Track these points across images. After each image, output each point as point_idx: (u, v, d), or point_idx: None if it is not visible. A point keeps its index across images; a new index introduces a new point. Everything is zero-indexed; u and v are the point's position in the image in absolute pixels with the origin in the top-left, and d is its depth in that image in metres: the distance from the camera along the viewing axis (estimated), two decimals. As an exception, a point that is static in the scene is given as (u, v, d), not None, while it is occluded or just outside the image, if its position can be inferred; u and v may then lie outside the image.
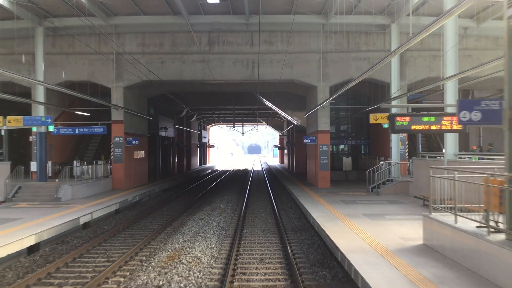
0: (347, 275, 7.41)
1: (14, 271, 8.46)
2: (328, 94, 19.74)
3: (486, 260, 5.81)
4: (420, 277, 5.96)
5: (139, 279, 7.74)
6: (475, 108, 5.87)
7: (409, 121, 8.19)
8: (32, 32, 18.02)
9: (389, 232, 9.20)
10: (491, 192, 6.03)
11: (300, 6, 17.28)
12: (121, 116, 20.02)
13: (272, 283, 7.48)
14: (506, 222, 5.68)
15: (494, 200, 6.03)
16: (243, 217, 14.25)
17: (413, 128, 8.23)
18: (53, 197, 15.37)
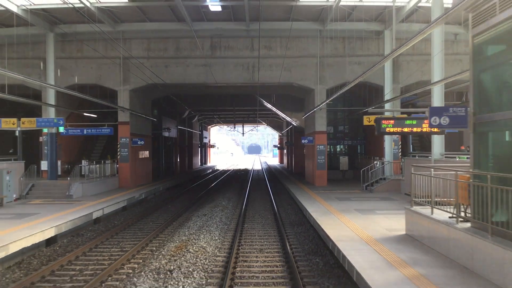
0: (337, 261, 8.33)
1: (38, 259, 9.39)
2: (325, 96, 20.67)
3: (454, 245, 6.74)
4: (398, 260, 6.89)
5: (151, 265, 8.67)
6: (444, 114, 6.81)
7: (393, 124, 9.12)
8: (44, 38, 18.94)
9: (377, 225, 10.13)
10: (460, 187, 6.96)
11: (298, 13, 18.22)
12: (127, 118, 20.96)
13: (270, 268, 8.40)
14: (471, 211, 6.61)
15: (463, 194, 6.97)
16: (244, 213, 15.17)
17: (397, 130, 9.17)
18: (65, 194, 16.30)
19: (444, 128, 6.86)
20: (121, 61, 20.29)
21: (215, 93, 26.71)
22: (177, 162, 35.55)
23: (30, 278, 7.70)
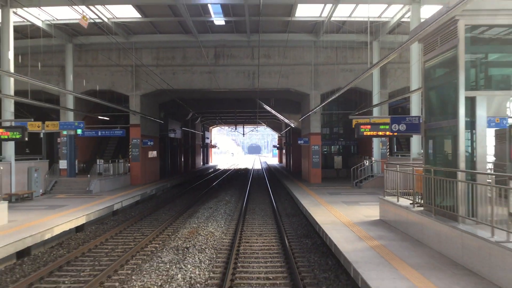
0: (323, 242, 10.20)
1: (75, 241, 11.28)
2: (319, 101, 22.56)
3: (411, 224, 8.64)
4: (367, 235, 8.80)
5: (170, 244, 10.57)
6: (402, 122, 8.70)
7: (370, 129, 10.98)
8: (63, 48, 20.84)
9: (358, 213, 12.04)
10: (417, 179, 8.86)
11: (294, 26, 20.12)
12: (138, 121, 22.87)
13: (268, 247, 10.29)
14: (423, 198, 8.50)
15: (419, 184, 8.86)
16: (245, 206, 17.06)
17: (373, 134, 11.03)
18: (85, 190, 18.20)
19: (403, 133, 8.73)
20: (133, 69, 22.19)
21: (218, 97, 28.63)
22: (181, 161, 37.46)
23: (72, 254, 9.58)
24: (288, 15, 18.35)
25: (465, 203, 6.81)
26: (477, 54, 7.18)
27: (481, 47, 7.27)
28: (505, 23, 6.98)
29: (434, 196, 7.75)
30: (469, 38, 7.00)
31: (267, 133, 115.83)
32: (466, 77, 6.92)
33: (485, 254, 5.83)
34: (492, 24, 7.01)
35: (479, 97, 6.96)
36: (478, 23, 6.96)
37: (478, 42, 7.18)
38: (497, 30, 7.20)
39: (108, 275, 8.00)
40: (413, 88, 15.64)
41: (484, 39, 7.35)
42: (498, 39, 7.36)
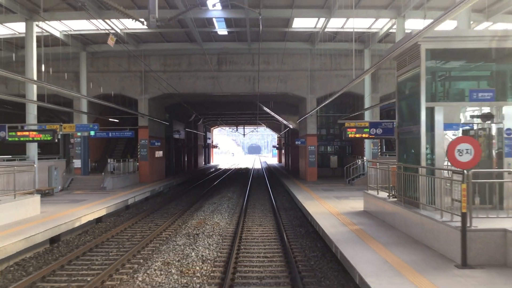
0: (314, 230, 11.81)
1: (98, 230, 12.89)
2: (315, 104, 24.17)
3: (387, 213, 10.26)
4: (350, 222, 10.43)
5: (182, 232, 12.19)
6: (379, 126, 10.33)
7: (355, 131, 12.59)
8: (77, 55, 22.46)
9: (346, 205, 13.67)
10: (392, 174, 10.48)
11: (291, 36, 21.75)
12: (146, 122, 24.50)
13: (266, 235, 11.90)
14: (396, 191, 10.12)
15: (394, 179, 10.48)
16: (246, 202, 18.66)
17: (358, 136, 12.63)
18: (99, 187, 19.84)
19: (380, 136, 10.33)
20: (142, 74, 23.83)
21: (220, 100, 30.25)
22: (185, 161, 39.10)
23: (99, 239, 11.19)
24: (285, 27, 19.97)
25: (425, 193, 8.42)
26: (436, 71, 8.80)
27: (439, 66, 8.89)
28: (458, 47, 8.61)
29: (404, 188, 9.37)
30: (429, 58, 8.62)
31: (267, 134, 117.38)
32: (426, 90, 8.54)
33: (436, 232, 7.46)
34: (448, 48, 8.63)
35: (437, 107, 8.58)
36: (436, 47, 8.58)
37: (437, 62, 8.80)
38: (452, 52, 8.83)
39: (133, 255, 9.61)
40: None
41: (442, 60, 8.98)
42: (453, 59, 9.00)
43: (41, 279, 7.87)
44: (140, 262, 9.01)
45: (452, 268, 6.44)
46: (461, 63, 9.16)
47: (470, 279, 5.89)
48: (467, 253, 6.41)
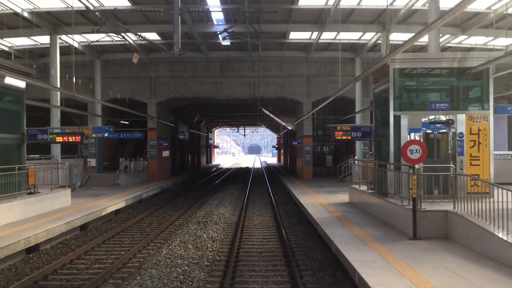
0: (306, 219, 13.82)
1: (120, 219, 14.88)
2: (311, 108, 26.19)
3: (366, 203, 12.27)
4: (335, 210, 12.46)
5: (192, 220, 14.21)
6: (358, 130, 12.35)
7: (342, 134, 14.57)
8: (92, 63, 24.50)
9: (334, 198, 15.70)
10: (372, 171, 12.49)
11: (288, 46, 23.79)
12: (154, 125, 26.53)
13: (265, 223, 13.91)
14: (374, 185, 12.13)
15: (373, 175, 12.50)
16: (247, 197, 20.68)
17: (344, 138, 14.59)
18: (114, 183, 21.86)
19: (359, 139, 12.34)
20: (152, 80, 25.86)
21: (223, 103, 32.28)
22: (189, 160, 41.13)
23: (122, 226, 13.20)
24: (283, 38, 22.00)
25: (393, 185, 10.44)
26: (403, 86, 10.83)
27: (405, 82, 10.92)
28: (420, 66, 10.64)
29: (379, 182, 11.40)
30: (397, 75, 10.64)
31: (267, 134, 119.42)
32: (394, 101, 10.56)
33: (397, 214, 9.48)
34: (412, 67, 10.66)
35: (403, 115, 10.61)
36: (402, 67, 10.61)
37: (403, 78, 10.82)
38: (416, 70, 10.85)
39: (154, 237, 11.62)
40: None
41: (407, 77, 11.00)
42: (416, 76, 11.04)
43: (84, 253, 9.87)
44: (161, 241, 11.03)
45: (405, 240, 8.46)
46: (424, 79, 11.19)
47: (416, 246, 7.91)
48: (417, 229, 8.43)
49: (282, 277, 7.86)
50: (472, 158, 10.46)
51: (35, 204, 12.19)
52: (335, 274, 7.92)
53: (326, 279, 7.69)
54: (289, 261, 8.77)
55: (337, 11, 17.21)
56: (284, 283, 7.54)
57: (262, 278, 7.81)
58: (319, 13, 18.50)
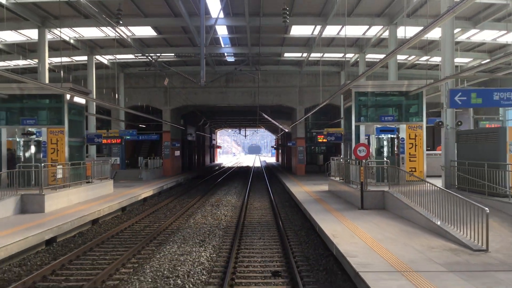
0: (295, 204, 17.99)
1: (148, 205, 19.07)
2: (303, 113, 30.38)
3: (339, 190, 16.47)
4: (315, 195, 16.69)
5: (207, 204, 18.42)
6: (333, 135, 16.55)
7: (323, 137, 18.73)
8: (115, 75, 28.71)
9: (318, 188, 19.92)
10: (345, 166, 16.70)
11: (283, 61, 28.00)
12: (168, 128, 30.75)
13: (263, 206, 18.10)
14: (345, 176, 16.32)
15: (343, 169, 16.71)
16: (249, 189, 24.88)
17: (324, 140, 18.79)
18: (137, 177, 26.07)
19: (334, 142, 16.51)
20: (167, 90, 30.08)
21: (227, 109, 36.53)
22: (195, 159, 45.35)
23: (153, 208, 17.37)
24: (278, 56, 26.23)
25: (352, 175, 14.64)
26: (361, 103, 15.05)
27: (362, 101, 15.14)
28: (373, 90, 14.86)
29: (346, 173, 15.61)
30: (357, 96, 14.85)
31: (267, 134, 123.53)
32: (355, 115, 14.77)
33: (353, 194, 13.69)
34: (367, 91, 14.88)
35: (361, 125, 14.83)
36: (360, 90, 14.84)
37: (361, 98, 15.05)
38: (368, 94, 15.09)
39: (181, 214, 15.81)
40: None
41: (363, 97, 15.23)
42: (370, 96, 15.28)
43: (134, 223, 14.05)
44: (187, 216, 15.25)
45: (356, 210, 12.67)
46: (376, 98, 15.41)
47: (360, 212, 12.11)
48: (364, 203, 12.63)
49: (273, 234, 12.05)
50: (411, 156, 14.71)
51: (92, 190, 16.43)
52: (308, 231, 12.12)
53: (302, 234, 11.89)
54: (278, 226, 12.96)
55: (321, 38, 21.40)
56: (274, 237, 11.73)
57: (260, 234, 12.02)
58: (307, 39, 22.72)
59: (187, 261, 8.92)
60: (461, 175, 12.23)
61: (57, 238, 11.00)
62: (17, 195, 12.52)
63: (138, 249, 10.03)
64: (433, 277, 6.08)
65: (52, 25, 18.25)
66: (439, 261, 6.88)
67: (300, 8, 18.11)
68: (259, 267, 8.53)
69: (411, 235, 8.95)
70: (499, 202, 10.20)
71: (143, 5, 17.57)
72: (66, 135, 14.91)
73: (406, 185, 11.68)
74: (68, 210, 13.26)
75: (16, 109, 15.45)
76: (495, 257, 7.08)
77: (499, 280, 5.91)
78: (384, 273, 6.34)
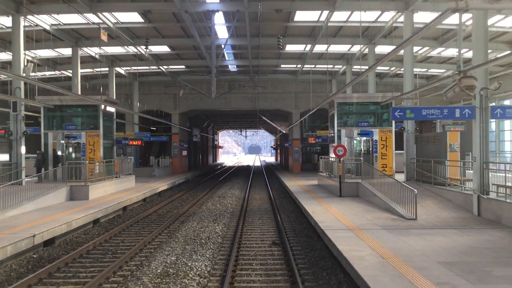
0: (289, 195, 21.28)
1: (164, 197, 22.38)
2: (299, 117, 33.65)
3: (326, 183, 19.78)
4: (305, 187, 20.03)
5: (215, 196, 21.74)
6: (321, 137, 19.82)
7: (313, 139, 21.99)
8: (130, 83, 32.03)
9: (309, 182, 23.25)
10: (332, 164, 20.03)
11: (280, 71, 31.33)
12: (177, 130, 34.07)
13: (262, 197, 21.42)
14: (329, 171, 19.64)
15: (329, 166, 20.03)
16: (250, 185, 28.20)
17: (313, 142, 22.02)
18: (151, 174, 29.39)
19: (321, 143, 19.75)
20: (176, 96, 33.39)
21: (229, 113, 39.83)
22: (200, 159, 48.68)
23: (170, 199, 20.67)
24: (275, 66, 29.55)
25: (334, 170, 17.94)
26: (342, 112, 18.37)
27: (343, 109, 18.47)
28: (352, 101, 18.20)
29: (331, 169, 18.93)
30: (338, 106, 18.16)
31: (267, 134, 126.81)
32: (337, 121, 18.09)
33: (334, 185, 17.01)
34: (347, 102, 18.21)
35: (342, 129, 18.15)
36: (341, 101, 18.16)
37: (342, 107, 18.36)
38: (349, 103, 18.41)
39: (194, 203, 19.12)
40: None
41: (344, 106, 18.55)
42: (349, 105, 18.60)
43: (157, 209, 17.35)
44: (200, 204, 18.56)
45: (335, 197, 15.98)
46: (355, 107, 18.71)
47: (338, 199, 15.42)
48: (342, 192, 15.94)
49: (270, 216, 15.35)
50: (383, 155, 18.03)
51: (120, 184, 19.75)
52: (297, 214, 15.42)
53: (292, 215, 15.20)
54: (274, 211, 16.27)
55: (312, 53, 24.72)
56: (270, 218, 15.02)
57: (259, 216, 15.33)
58: (300, 54, 26.04)
59: (206, 231, 12.26)
60: (417, 169, 15.57)
61: (100, 219, 14.30)
62: (67, 186, 15.84)
63: (167, 225, 13.34)
64: (370, 231, 9.40)
65: (84, 45, 21.58)
66: (379, 224, 10.21)
67: (293, 30, 21.43)
68: (259, 235, 11.83)
69: (369, 212, 12.28)
70: (439, 189, 13.52)
71: (162, 29, 20.90)
72: (101, 138, 18.24)
73: (375, 178, 14.99)
74: (105, 199, 16.58)
75: (59, 116, 18.78)
76: (418, 222, 10.39)
77: (411, 233, 9.21)
78: (340, 230, 9.67)
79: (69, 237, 11.60)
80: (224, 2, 17.07)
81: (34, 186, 14.93)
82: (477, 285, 5.72)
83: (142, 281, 7.63)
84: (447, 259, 7.01)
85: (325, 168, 21.14)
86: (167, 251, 9.88)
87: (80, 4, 15.91)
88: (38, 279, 7.75)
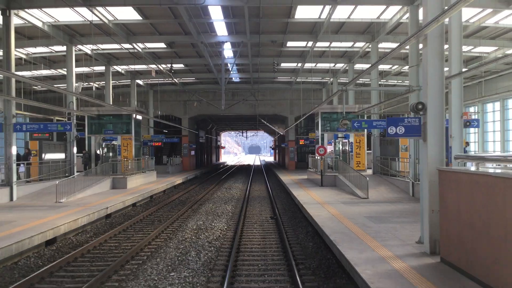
0: (283, 187, 25.88)
1: (182, 187, 26.97)
2: (294, 121, 38.21)
3: (312, 177, 24.37)
4: (297, 181, 24.65)
5: (222, 187, 26.36)
6: (308, 139, 24.45)
7: (303, 141, 26.48)
8: (145, 91, 36.65)
9: (300, 177, 27.86)
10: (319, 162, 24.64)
11: (277, 81, 35.97)
12: (186, 133, 38.70)
13: (261, 190, 26.02)
14: (315, 167, 24.24)
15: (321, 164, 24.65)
16: (251, 180, 32.78)
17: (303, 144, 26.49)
18: (165, 171, 34.01)
19: (309, 145, 24.28)
20: (185, 102, 38.03)
21: (232, 117, 44.47)
22: (205, 158, 53.31)
23: (186, 190, 25.27)
24: (272, 78, 34.21)
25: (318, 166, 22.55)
26: (325, 119, 22.99)
27: (326, 118, 23.09)
28: (333, 111, 22.84)
29: (316, 165, 23.53)
30: (322, 115, 22.77)
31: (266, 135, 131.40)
32: (321, 128, 22.71)
33: (317, 178, 21.62)
34: (328, 111, 22.85)
35: (325, 134, 22.78)
36: (324, 111, 22.79)
37: (325, 116, 22.99)
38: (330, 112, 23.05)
39: (206, 192, 23.71)
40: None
41: (327, 115, 23.17)
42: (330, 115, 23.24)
43: (178, 197, 21.95)
44: (211, 193, 23.17)
45: (317, 186, 20.60)
46: (334, 116, 23.32)
47: (321, 187, 20.03)
48: (323, 182, 20.56)
49: (267, 202, 19.92)
50: (357, 154, 22.68)
51: (146, 177, 24.39)
52: (288, 200, 20.02)
53: (284, 201, 19.80)
54: (271, 198, 20.87)
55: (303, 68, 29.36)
56: (268, 203, 19.60)
57: (259, 201, 19.94)
58: (293, 68, 30.67)
59: (219, 209, 16.90)
60: (380, 165, 20.21)
61: (136, 203, 18.88)
62: (109, 177, 20.46)
63: (190, 206, 17.96)
64: (332, 204, 14.03)
65: (114, 63, 26.22)
66: (341, 201, 14.84)
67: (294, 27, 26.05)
68: (258, 212, 16.43)
69: (338, 195, 16.91)
70: (392, 179, 18.14)
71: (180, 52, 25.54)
72: (133, 140, 22.87)
73: (346, 172, 19.60)
74: (138, 188, 21.20)
75: (98, 124, 23.41)
76: (369, 200, 15.01)
77: (358, 205, 13.80)
78: (313, 204, 14.29)
79: (122, 212, 16.24)
80: (231, 34, 21.68)
81: (83, 178, 19.56)
82: (378, 224, 10.35)
83: (186, 231, 12.26)
84: (370, 215, 11.64)
85: (313, 164, 25.77)
86: (196, 219, 14.52)
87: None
88: (118, 231, 12.38)
